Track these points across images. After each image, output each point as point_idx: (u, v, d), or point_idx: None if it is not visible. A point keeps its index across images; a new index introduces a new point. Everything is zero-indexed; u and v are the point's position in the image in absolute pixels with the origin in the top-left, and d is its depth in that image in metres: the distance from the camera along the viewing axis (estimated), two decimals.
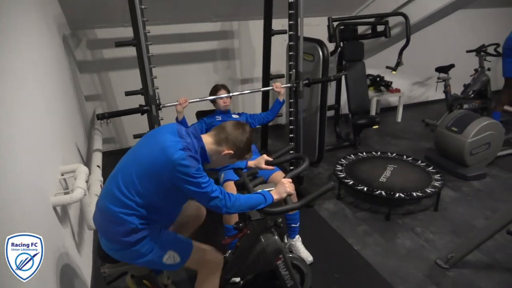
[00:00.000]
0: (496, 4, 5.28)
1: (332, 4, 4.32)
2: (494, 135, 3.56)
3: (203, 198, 1.53)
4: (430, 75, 5.18)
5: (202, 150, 1.59)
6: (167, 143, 1.48)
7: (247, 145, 1.67)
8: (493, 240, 2.51)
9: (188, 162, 1.44)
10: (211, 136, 1.64)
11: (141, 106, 2.64)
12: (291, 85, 3.06)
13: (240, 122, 1.70)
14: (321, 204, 3.23)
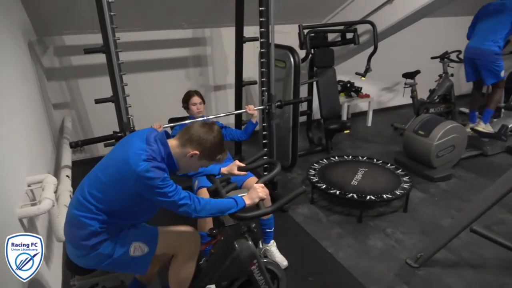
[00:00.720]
0: (457, 13, 5.55)
1: (302, 12, 4.41)
2: (458, 137, 3.72)
3: (171, 206, 1.52)
4: (398, 81, 5.36)
5: (168, 156, 1.54)
6: (132, 153, 1.45)
7: (215, 144, 1.59)
8: (458, 239, 2.62)
9: (152, 174, 1.41)
10: (176, 139, 1.60)
11: (115, 132, 2.60)
12: (263, 107, 3.11)
13: (207, 122, 1.65)
14: (295, 209, 3.27)
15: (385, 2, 3.84)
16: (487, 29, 3.97)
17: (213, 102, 4.73)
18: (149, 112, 2.82)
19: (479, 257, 2.63)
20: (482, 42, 4.00)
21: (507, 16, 3.76)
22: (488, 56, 3.96)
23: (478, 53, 4.06)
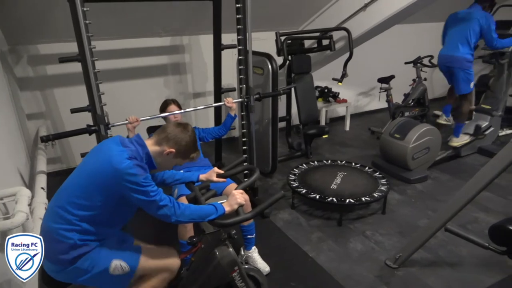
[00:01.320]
0: (427, 19, 5.73)
1: (279, 20, 4.47)
2: (432, 140, 3.83)
3: (151, 206, 1.52)
4: (374, 86, 5.49)
5: (147, 156, 1.60)
6: (113, 153, 1.48)
7: (190, 143, 1.67)
8: (435, 238, 2.70)
9: (135, 170, 1.45)
10: (153, 138, 1.67)
11: (88, 126, 2.55)
12: (242, 100, 3.12)
13: (181, 122, 1.74)
14: (276, 214, 3.28)
15: (359, 10, 3.95)
16: (457, 37, 4.04)
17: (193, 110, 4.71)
18: None
19: (455, 256, 2.71)
20: (455, 49, 4.04)
21: (475, 25, 3.87)
22: (461, 64, 4.01)
23: (451, 60, 4.09)
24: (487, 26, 3.82)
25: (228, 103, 3.00)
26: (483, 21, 3.84)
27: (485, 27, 3.83)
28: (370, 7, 3.85)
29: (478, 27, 3.86)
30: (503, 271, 2.51)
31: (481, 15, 3.87)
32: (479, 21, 3.84)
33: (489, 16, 3.87)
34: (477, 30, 3.88)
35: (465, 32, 3.94)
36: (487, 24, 3.82)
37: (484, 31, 3.86)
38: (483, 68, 5.92)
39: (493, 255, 2.03)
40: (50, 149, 3.68)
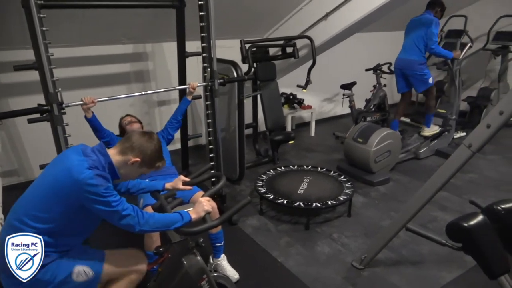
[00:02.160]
0: (386, 28, 6.00)
1: (243, 28, 4.52)
2: (393, 143, 3.99)
3: (114, 217, 1.49)
4: (337, 92, 5.64)
5: (109, 165, 1.56)
6: (73, 163, 1.44)
7: (155, 152, 1.65)
8: (398, 238, 2.80)
9: (96, 181, 1.41)
10: (117, 147, 1.63)
11: (40, 105, 2.35)
12: (206, 84, 3.09)
13: (146, 131, 1.72)
14: (245, 221, 3.28)
15: (321, 18, 4.06)
16: (410, 42, 4.35)
17: (158, 118, 4.65)
18: (89, 131, 2.70)
19: (417, 254, 2.82)
20: (408, 53, 4.38)
21: (423, 30, 4.17)
22: (414, 66, 4.33)
23: (405, 64, 4.42)
24: (429, 30, 4.12)
25: (191, 87, 3.01)
26: (428, 25, 4.10)
27: (428, 30, 4.11)
28: (331, 17, 3.97)
29: (425, 31, 4.14)
30: (461, 267, 2.64)
31: (429, 19, 4.15)
32: (426, 25, 4.13)
33: (434, 21, 4.15)
34: (425, 34, 4.16)
35: (417, 37, 4.24)
36: (430, 28, 4.11)
37: (426, 34, 4.13)
38: (438, 74, 6.26)
39: (452, 252, 2.12)
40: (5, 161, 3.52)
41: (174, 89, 3.45)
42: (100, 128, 2.71)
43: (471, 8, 6.12)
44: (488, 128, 1.98)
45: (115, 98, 2.78)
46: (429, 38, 4.15)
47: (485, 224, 1.73)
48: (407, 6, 4.11)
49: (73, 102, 2.51)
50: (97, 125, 2.69)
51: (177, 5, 3.07)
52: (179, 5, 3.08)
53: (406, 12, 4.61)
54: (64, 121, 2.44)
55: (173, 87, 3.44)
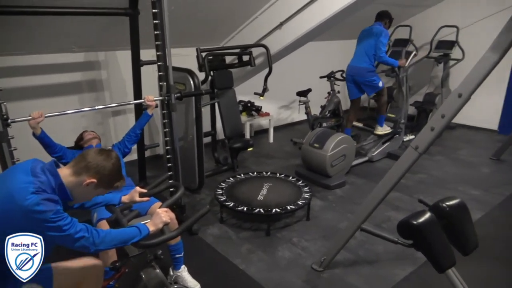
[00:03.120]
0: (339, 37, 6.24)
1: (199, 36, 4.51)
2: (348, 147, 4.14)
3: (66, 241, 1.41)
4: (293, 99, 5.77)
5: (60, 187, 1.45)
6: (17, 187, 1.33)
7: (114, 171, 1.56)
8: (354, 239, 2.90)
9: (43, 207, 1.31)
10: (70, 167, 1.52)
11: None
12: (162, 98, 3.04)
13: (103, 149, 1.61)
14: (205, 230, 3.25)
15: (275, 27, 4.15)
16: (361, 50, 4.59)
17: (113, 128, 4.50)
18: (38, 145, 2.56)
19: (373, 253, 2.93)
20: (358, 61, 4.60)
21: (373, 40, 4.41)
22: (363, 73, 4.56)
23: (355, 71, 4.65)
24: (379, 40, 4.38)
25: (148, 101, 2.93)
26: (377, 36, 4.35)
27: (378, 40, 4.37)
28: (285, 26, 4.07)
29: (375, 41, 4.38)
30: (414, 263, 2.77)
31: (377, 30, 4.41)
32: (375, 35, 4.37)
33: (384, 32, 4.41)
34: (374, 43, 4.40)
35: (367, 46, 4.48)
36: (380, 38, 4.38)
37: (376, 44, 4.38)
38: (388, 81, 6.58)
39: (404, 249, 2.25)
40: None
41: (128, 104, 3.32)
42: (51, 143, 2.55)
43: (415, 18, 6.53)
44: (432, 131, 2.12)
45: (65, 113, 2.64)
46: (378, 48, 4.40)
47: (432, 221, 1.84)
48: (357, 17, 4.33)
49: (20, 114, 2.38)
50: (48, 141, 2.53)
51: (130, 13, 3.02)
52: (132, 13, 3.02)
53: (356, 23, 4.83)
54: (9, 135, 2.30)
55: (128, 102, 3.33)
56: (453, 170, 4.57)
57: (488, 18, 5.52)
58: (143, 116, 2.98)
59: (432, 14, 6.39)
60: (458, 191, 3.99)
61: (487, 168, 4.67)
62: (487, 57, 1.93)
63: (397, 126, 4.96)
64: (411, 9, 6.30)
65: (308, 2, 3.75)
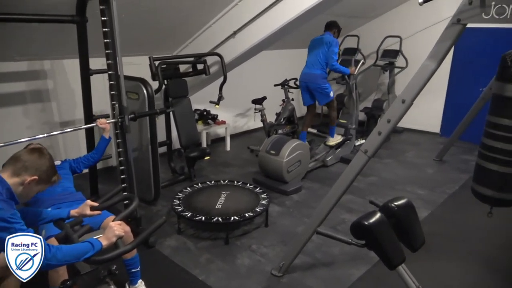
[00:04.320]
0: (290, 46, 6.41)
1: (152, 44, 4.44)
2: (303, 153, 4.24)
3: None
4: (249, 107, 5.82)
5: (8, 191, 1.48)
6: None
7: (50, 167, 1.63)
8: (312, 242, 2.96)
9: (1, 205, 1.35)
10: (7, 170, 1.55)
11: None
12: (116, 120, 2.94)
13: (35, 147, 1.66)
14: (162, 242, 3.18)
15: (229, 36, 4.19)
16: (314, 58, 4.75)
17: (61, 141, 4.29)
18: None
19: (330, 255, 3.01)
20: (311, 69, 4.76)
21: (324, 48, 4.60)
22: (316, 80, 4.72)
23: (309, 78, 4.79)
24: (331, 49, 4.58)
25: (100, 124, 2.82)
26: (328, 45, 4.53)
27: (329, 50, 4.56)
28: (239, 35, 4.12)
29: (326, 50, 4.56)
30: (368, 262, 2.88)
31: (329, 39, 4.59)
32: (327, 44, 4.57)
33: (335, 41, 4.62)
34: (326, 52, 4.58)
35: (318, 54, 4.66)
36: (331, 47, 4.58)
37: (328, 53, 4.56)
38: (338, 88, 6.85)
39: (359, 250, 2.32)
40: None
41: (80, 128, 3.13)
42: None
43: (362, 28, 6.86)
44: (379, 135, 2.24)
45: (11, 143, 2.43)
46: (330, 57, 4.59)
47: (382, 221, 1.94)
48: (308, 27, 4.48)
49: None
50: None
51: (77, 20, 2.91)
52: (79, 20, 2.92)
53: (307, 32, 5.00)
54: None
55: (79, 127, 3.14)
56: (401, 172, 4.83)
57: (428, 29, 5.93)
58: (101, 141, 2.86)
59: (377, 25, 6.75)
60: (406, 191, 4.22)
61: (431, 168, 4.98)
62: (426, 65, 2.08)
63: (348, 131, 5.16)
64: (358, 19, 6.62)
65: (260, 12, 3.82)
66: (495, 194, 2.31)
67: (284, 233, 3.34)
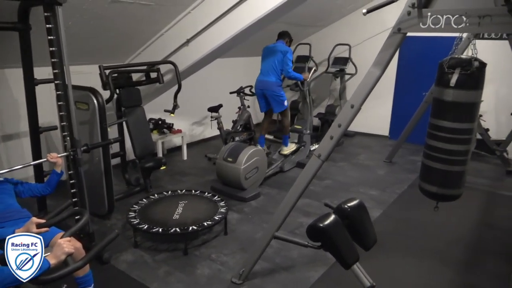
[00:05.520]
0: (244, 54, 6.48)
1: (102, 53, 4.30)
2: (260, 160, 4.29)
3: None
4: (205, 115, 5.80)
5: None
6: None
7: None
8: (271, 248, 2.99)
9: None
10: None
11: None
12: (67, 153, 2.75)
13: None
14: (118, 257, 3.06)
15: (182, 44, 4.16)
16: (268, 66, 4.82)
17: (4, 155, 4.02)
18: None
19: (289, 259, 3.06)
20: (266, 76, 4.82)
21: (279, 56, 4.70)
22: (272, 87, 4.78)
23: (264, 85, 4.84)
24: (286, 57, 4.70)
25: (52, 159, 2.61)
26: (283, 53, 4.67)
27: (284, 58, 4.70)
28: (193, 43, 4.10)
29: (281, 58, 4.66)
30: (326, 264, 2.95)
31: (283, 48, 4.72)
32: (282, 53, 4.65)
33: (288, 50, 4.74)
34: (281, 60, 4.69)
35: (273, 62, 4.75)
36: (286, 55, 4.71)
37: (283, 61, 4.70)
38: (293, 95, 7.01)
39: (316, 252, 2.38)
40: None
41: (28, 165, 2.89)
42: None
43: (313, 37, 7.10)
44: (331, 139, 2.32)
45: None
46: (286, 64, 4.71)
47: (337, 222, 2.01)
48: (261, 35, 4.56)
49: None
50: None
51: (20, 27, 2.77)
52: (22, 28, 2.78)
53: (260, 40, 5.08)
54: None
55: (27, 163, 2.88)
56: (355, 174, 5.02)
57: (375, 37, 6.24)
58: (52, 176, 2.64)
59: (328, 33, 7.01)
60: (359, 192, 4.39)
61: (382, 170, 5.22)
62: (371, 72, 2.20)
63: (302, 137, 5.26)
64: (309, 28, 6.83)
65: (213, 20, 3.84)
66: (439, 190, 2.48)
67: (244, 240, 3.35)
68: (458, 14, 1.95)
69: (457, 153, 2.38)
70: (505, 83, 5.26)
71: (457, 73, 2.24)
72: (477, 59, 2.26)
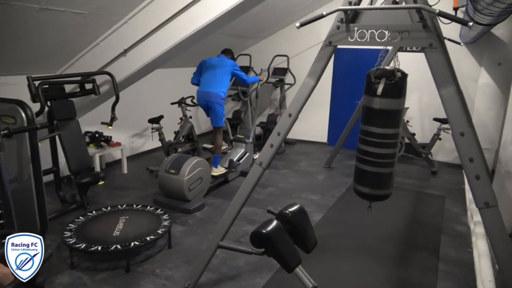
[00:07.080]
0: (185, 65, 6.43)
1: (31, 62, 4.04)
2: (203, 170, 4.27)
3: None
4: (146, 126, 5.66)
5: None
6: None
7: None
8: (216, 258, 2.99)
9: None
10: None
11: None
12: None
13: None
14: (53, 281, 2.87)
15: (119, 55, 4.04)
16: (213, 78, 4.80)
17: None
18: None
19: (235, 268, 3.07)
20: (210, 87, 4.78)
21: (226, 69, 4.77)
22: (216, 98, 4.75)
23: (208, 96, 4.78)
24: (237, 70, 4.88)
25: None
26: (233, 67, 4.87)
27: (236, 71, 4.87)
28: (130, 53, 4.00)
29: (229, 71, 4.79)
30: (271, 270, 3.01)
31: (230, 62, 4.90)
32: (230, 67, 4.83)
33: (235, 63, 4.88)
34: (228, 73, 4.79)
35: (219, 74, 4.78)
36: (236, 68, 4.88)
37: (236, 74, 4.88)
38: (236, 105, 7.09)
39: (261, 258, 2.42)
40: None
41: None
42: None
43: (253, 48, 7.27)
44: (271, 147, 2.40)
45: None
46: (241, 74, 4.91)
47: (279, 227, 2.07)
48: (201, 47, 4.57)
49: None
50: None
51: None
52: None
53: (200, 51, 5.10)
54: None
55: None
56: (296, 180, 5.18)
57: (311, 49, 6.53)
58: None
59: (267, 45, 7.22)
60: (301, 198, 4.54)
61: (322, 175, 5.45)
62: (306, 82, 2.32)
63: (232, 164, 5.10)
64: (249, 40, 6.99)
65: (152, 30, 3.79)
66: (371, 191, 2.66)
67: (189, 252, 3.30)
68: (381, 29, 2.13)
69: (386, 156, 2.57)
70: (427, 91, 5.77)
71: (383, 82, 2.44)
72: (400, 70, 2.48)
